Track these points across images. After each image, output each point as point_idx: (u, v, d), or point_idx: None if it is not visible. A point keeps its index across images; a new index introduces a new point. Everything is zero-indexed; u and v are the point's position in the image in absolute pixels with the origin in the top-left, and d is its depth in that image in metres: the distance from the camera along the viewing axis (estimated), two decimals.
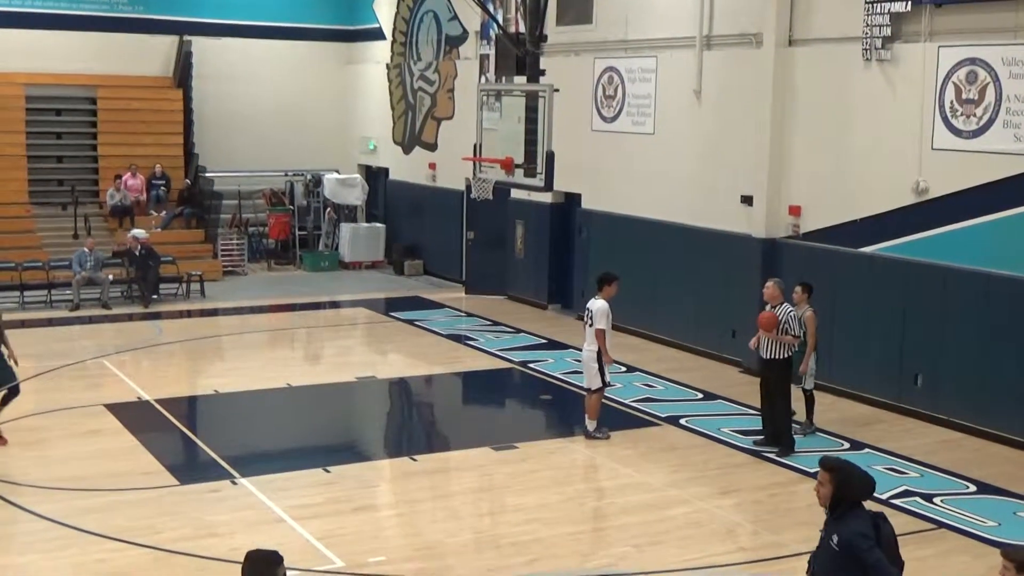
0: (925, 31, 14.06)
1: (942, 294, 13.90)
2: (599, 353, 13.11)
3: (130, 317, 20.41)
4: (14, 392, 12.68)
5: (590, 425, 13.33)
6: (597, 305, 13.15)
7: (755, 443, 12.97)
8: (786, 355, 12.65)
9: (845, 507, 6.18)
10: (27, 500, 11.03)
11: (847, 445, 13.17)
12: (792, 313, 12.64)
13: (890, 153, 14.51)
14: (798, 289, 13.26)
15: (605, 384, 13.34)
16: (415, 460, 12.64)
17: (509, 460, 12.63)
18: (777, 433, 12.78)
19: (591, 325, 13.14)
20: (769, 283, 12.95)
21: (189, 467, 12.61)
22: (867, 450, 12.94)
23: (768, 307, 12.75)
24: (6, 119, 24.03)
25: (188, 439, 13.78)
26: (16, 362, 12.80)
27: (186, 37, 26.31)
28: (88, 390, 15.12)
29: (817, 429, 13.50)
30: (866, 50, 14.64)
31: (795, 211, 15.96)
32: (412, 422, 15.89)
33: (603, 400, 13.61)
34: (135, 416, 13.97)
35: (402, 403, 16.51)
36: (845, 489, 6.20)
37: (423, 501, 11.50)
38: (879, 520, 6.26)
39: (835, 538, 6.14)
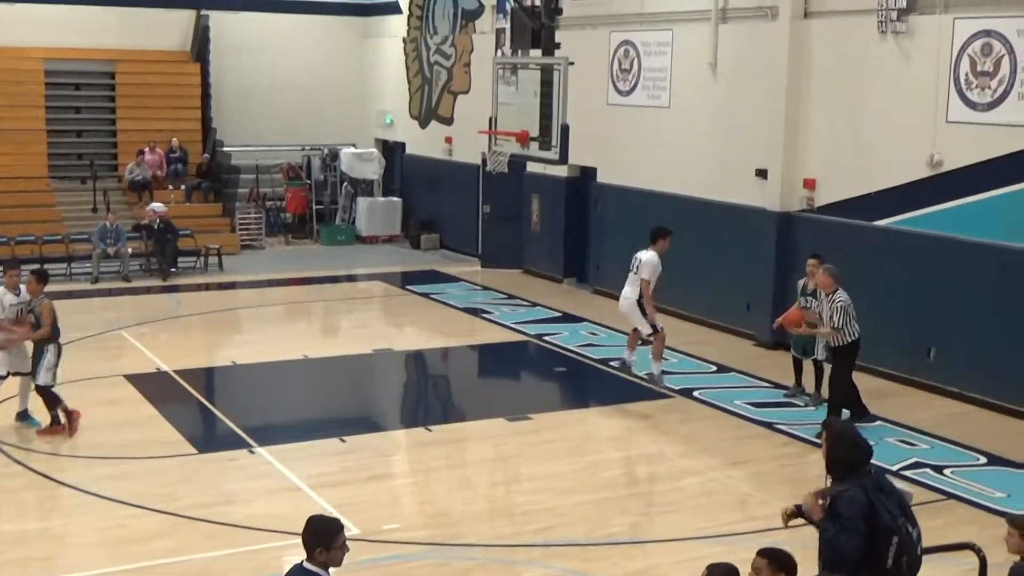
0: (940, 3, 14.01)
1: (955, 267, 13.92)
2: (639, 300, 13.15)
3: (148, 290, 20.60)
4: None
5: (655, 367, 13.37)
6: (647, 256, 13.13)
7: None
8: (843, 340, 12.38)
9: (842, 471, 6.19)
10: (48, 467, 11.23)
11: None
12: (840, 304, 12.31)
13: (905, 126, 14.50)
14: (813, 262, 13.28)
15: (657, 328, 13.32)
16: (430, 430, 12.77)
17: (523, 431, 12.75)
18: (852, 412, 12.66)
19: (636, 272, 13.16)
20: (820, 272, 12.62)
21: (207, 436, 12.81)
22: (879, 422, 12.98)
23: (823, 295, 12.57)
24: (26, 93, 24.17)
25: (206, 409, 13.97)
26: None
27: (203, 11, 26.36)
28: (108, 361, 15.32)
29: (825, 400, 13.57)
30: (881, 22, 14.60)
31: (810, 184, 15.98)
32: (427, 393, 16.03)
33: (615, 371, 13.66)
34: (154, 386, 14.15)
35: (418, 375, 16.65)
36: (836, 450, 6.23)
37: (437, 470, 11.65)
38: (881, 482, 6.22)
39: (827, 499, 6.16)
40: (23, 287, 12.29)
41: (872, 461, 6.32)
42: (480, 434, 12.80)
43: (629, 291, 13.33)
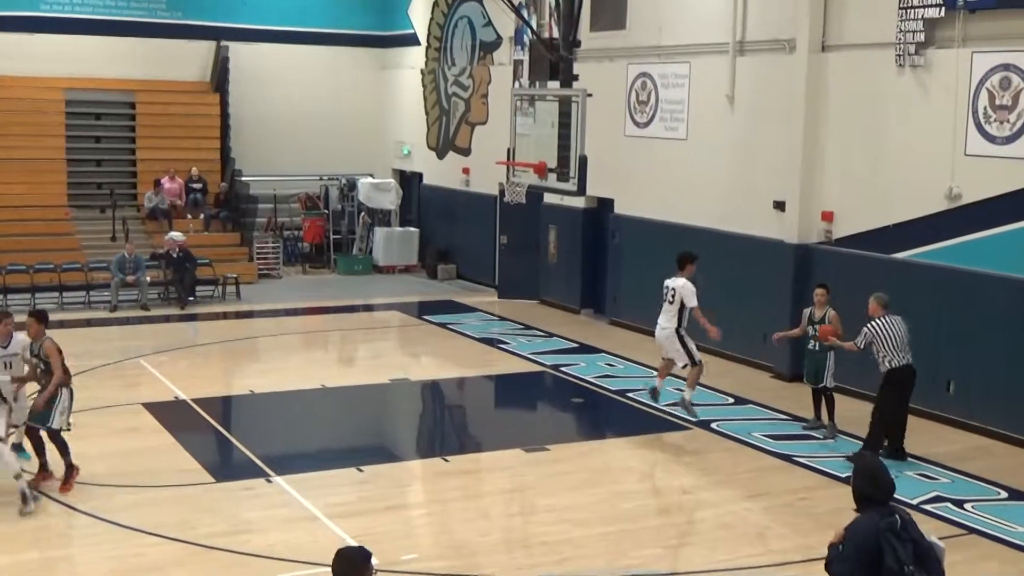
0: (959, 37, 14.04)
1: (975, 300, 13.88)
2: (677, 330, 13.13)
3: (167, 319, 20.67)
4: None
5: (688, 393, 13.36)
6: (680, 283, 13.09)
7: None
8: (888, 366, 12.39)
9: (861, 503, 6.23)
10: (66, 496, 11.22)
11: (879, 452, 13.15)
12: (866, 327, 12.45)
13: (923, 159, 14.51)
14: (820, 291, 13.41)
15: (695, 361, 13.31)
16: (447, 461, 12.75)
17: (540, 461, 12.72)
18: (888, 445, 12.64)
19: (671, 302, 13.13)
20: (871, 299, 12.71)
21: (225, 465, 12.79)
22: None
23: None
24: (46, 123, 24.39)
25: (224, 438, 13.98)
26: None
27: (223, 42, 26.61)
28: (126, 389, 15.36)
29: (839, 431, 13.52)
30: (899, 56, 14.65)
31: (828, 216, 15.97)
32: (444, 423, 16.01)
33: (633, 402, 13.61)
34: (172, 415, 14.17)
35: (434, 405, 16.64)
36: (856, 481, 6.28)
37: (454, 501, 11.62)
38: (905, 528, 6.17)
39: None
40: (16, 336, 11.38)
41: (899, 498, 6.31)
42: (497, 464, 12.77)
43: (665, 321, 13.27)
